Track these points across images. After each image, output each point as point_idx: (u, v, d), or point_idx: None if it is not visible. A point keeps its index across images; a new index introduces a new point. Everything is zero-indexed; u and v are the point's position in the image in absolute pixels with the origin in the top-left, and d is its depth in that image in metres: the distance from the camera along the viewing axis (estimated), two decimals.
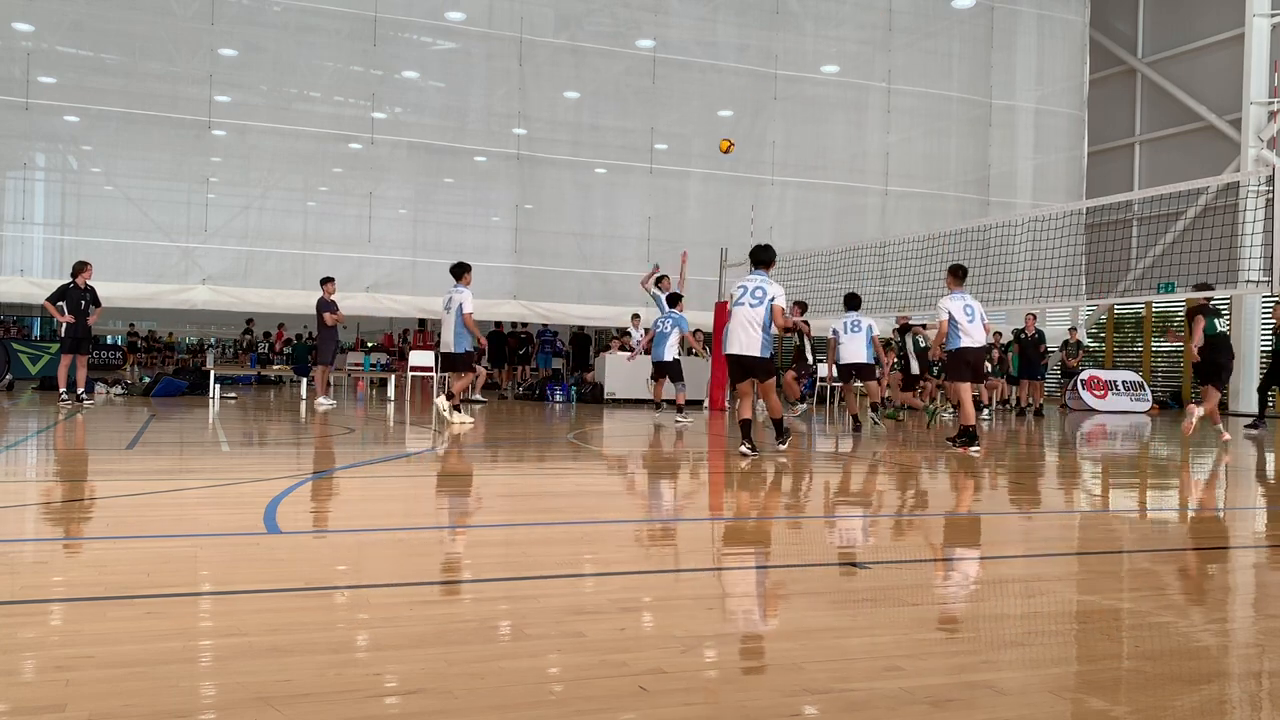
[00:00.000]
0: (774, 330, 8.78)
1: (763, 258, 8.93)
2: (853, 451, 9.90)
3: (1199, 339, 11.23)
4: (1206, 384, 11.29)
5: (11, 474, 6.81)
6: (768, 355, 8.80)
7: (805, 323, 14.32)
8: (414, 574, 3.91)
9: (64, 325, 12.81)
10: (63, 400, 12.69)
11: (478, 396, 15.54)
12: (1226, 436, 11.46)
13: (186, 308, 18.30)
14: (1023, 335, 18.15)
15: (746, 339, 8.72)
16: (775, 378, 9.41)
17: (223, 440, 9.33)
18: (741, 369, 8.91)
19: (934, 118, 22.07)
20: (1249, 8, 21.17)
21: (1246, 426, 14.16)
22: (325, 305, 14.64)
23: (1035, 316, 18.28)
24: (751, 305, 8.69)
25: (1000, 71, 22.58)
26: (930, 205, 21.54)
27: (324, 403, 14.17)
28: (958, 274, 9.76)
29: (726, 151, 15.18)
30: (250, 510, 5.19)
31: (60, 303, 12.83)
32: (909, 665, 2.78)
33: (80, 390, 12.86)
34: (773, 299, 8.67)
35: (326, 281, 14.76)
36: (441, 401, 11.73)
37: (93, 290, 13.05)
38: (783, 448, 9.04)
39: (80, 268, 12.95)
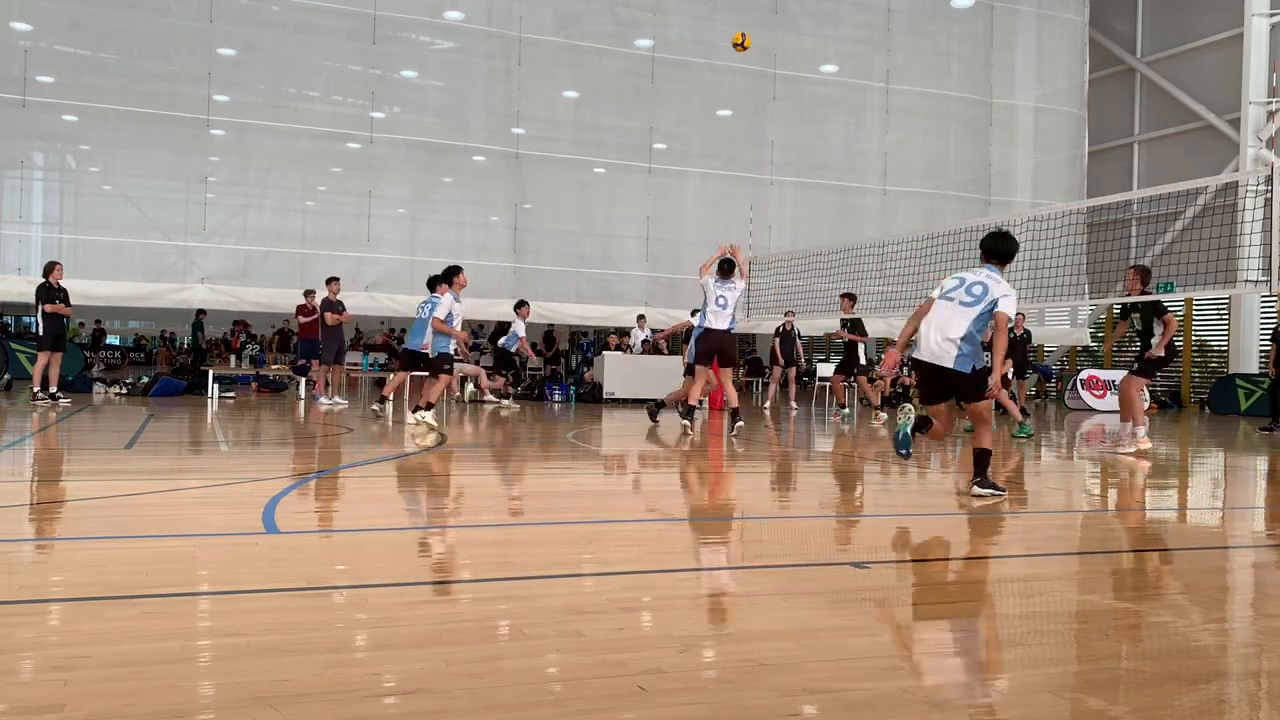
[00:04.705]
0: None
1: (727, 268, 10.75)
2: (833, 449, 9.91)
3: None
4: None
5: (10, 473, 6.80)
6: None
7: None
8: (413, 574, 3.91)
9: (43, 325, 12.95)
10: (38, 399, 12.60)
11: (490, 397, 15.62)
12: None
13: (185, 307, 18.30)
14: (1012, 334, 18.10)
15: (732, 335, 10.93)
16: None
17: (221, 440, 9.32)
18: (720, 354, 10.88)
19: (933, 117, 22.06)
20: (1248, 7, 21.18)
21: (1262, 429, 14.12)
22: (329, 305, 14.68)
23: (1024, 316, 18.22)
24: (719, 310, 10.68)
25: (1000, 71, 22.59)
26: (930, 205, 21.53)
27: (324, 402, 14.17)
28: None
29: (741, 45, 14.37)
30: (249, 510, 5.18)
31: (54, 301, 13.00)
32: (909, 665, 2.78)
33: (53, 389, 12.87)
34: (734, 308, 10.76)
35: (331, 281, 14.80)
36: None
37: (64, 289, 13.25)
38: (735, 432, 10.37)
39: (51, 267, 13.19)
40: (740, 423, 10.56)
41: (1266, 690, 2.75)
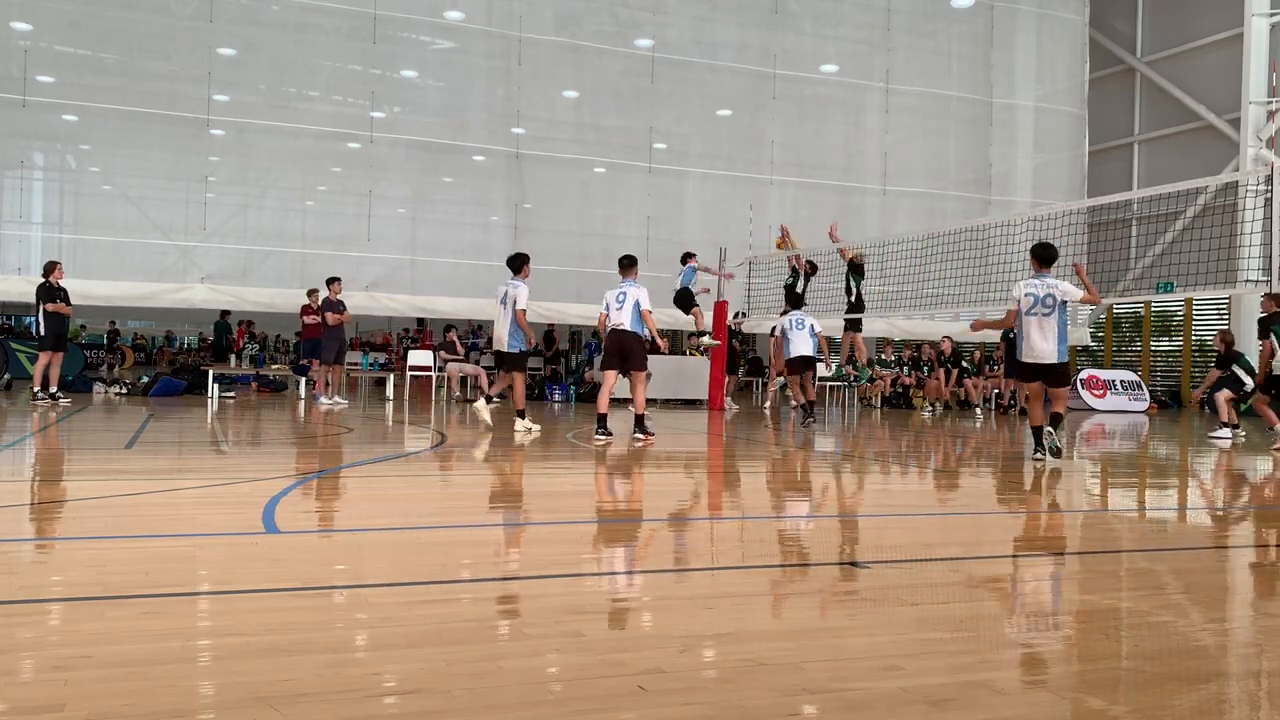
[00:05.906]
0: (647, 330, 9.87)
1: (625, 263, 10.03)
2: (848, 448, 9.91)
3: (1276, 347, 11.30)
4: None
5: (10, 473, 6.80)
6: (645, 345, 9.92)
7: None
8: (413, 574, 3.90)
9: (45, 325, 12.92)
10: (39, 399, 12.58)
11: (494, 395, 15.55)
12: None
13: (185, 307, 18.29)
14: (1010, 334, 18.15)
15: (632, 334, 9.75)
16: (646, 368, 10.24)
17: (221, 440, 9.32)
18: (621, 356, 9.83)
19: (933, 117, 22.06)
20: (1247, 7, 21.19)
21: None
22: (330, 305, 14.74)
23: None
24: (616, 309, 9.82)
25: (1000, 70, 22.59)
26: (930, 205, 21.53)
27: (325, 402, 14.18)
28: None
29: (781, 246, 16.23)
30: (249, 510, 5.18)
31: (55, 300, 12.99)
32: (908, 665, 2.78)
33: (54, 389, 12.86)
34: (636, 302, 9.74)
35: (333, 281, 14.85)
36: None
37: (64, 289, 13.22)
38: (639, 439, 9.61)
39: (52, 267, 13.18)
40: (644, 436, 9.63)
41: (1266, 690, 2.75)
